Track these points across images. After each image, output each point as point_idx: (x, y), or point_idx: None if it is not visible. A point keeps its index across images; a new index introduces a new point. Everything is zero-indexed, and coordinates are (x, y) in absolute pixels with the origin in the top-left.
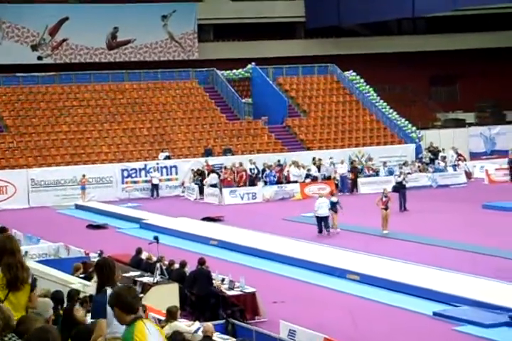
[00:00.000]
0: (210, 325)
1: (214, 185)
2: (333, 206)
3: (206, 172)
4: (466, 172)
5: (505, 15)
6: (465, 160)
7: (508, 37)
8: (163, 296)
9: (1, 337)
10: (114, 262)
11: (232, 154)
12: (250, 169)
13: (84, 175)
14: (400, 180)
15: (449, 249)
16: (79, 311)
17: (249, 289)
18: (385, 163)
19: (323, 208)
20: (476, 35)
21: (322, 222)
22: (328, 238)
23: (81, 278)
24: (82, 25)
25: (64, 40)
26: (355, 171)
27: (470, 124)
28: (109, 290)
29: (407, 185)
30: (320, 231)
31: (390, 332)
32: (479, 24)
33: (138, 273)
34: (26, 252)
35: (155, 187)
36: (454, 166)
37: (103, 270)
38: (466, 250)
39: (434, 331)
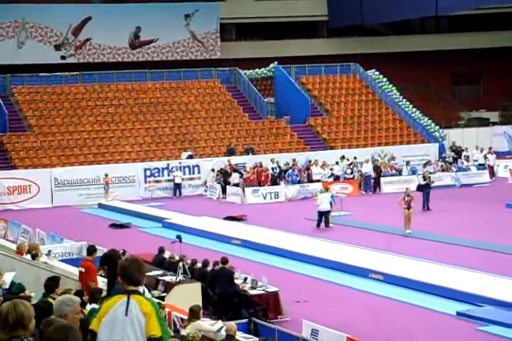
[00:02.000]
0: (233, 324)
1: (236, 184)
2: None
3: (229, 171)
4: (489, 166)
5: None
6: (494, 153)
7: None
8: (186, 295)
9: (11, 335)
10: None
11: (254, 153)
12: (272, 168)
13: (106, 175)
14: (424, 182)
15: (472, 248)
16: None
17: (272, 288)
18: (408, 162)
19: (324, 203)
20: (499, 34)
21: (323, 216)
22: (350, 237)
23: (104, 277)
24: (105, 25)
25: (87, 40)
26: (378, 170)
27: (494, 123)
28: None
29: (432, 184)
30: (318, 225)
31: (413, 332)
32: (502, 22)
33: (160, 272)
34: (49, 251)
35: (177, 187)
36: (480, 165)
37: (110, 263)
38: (490, 249)
39: (458, 331)
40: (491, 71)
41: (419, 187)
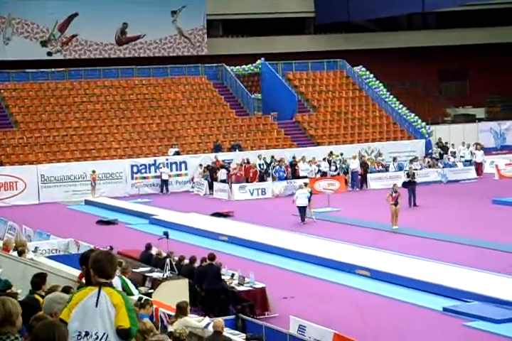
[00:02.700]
0: (220, 320)
1: (224, 181)
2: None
3: (216, 167)
4: (477, 162)
5: None
6: (482, 149)
7: None
8: (173, 292)
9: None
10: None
11: (241, 150)
12: (259, 165)
13: (94, 171)
14: (408, 179)
15: (459, 244)
16: None
17: (259, 284)
18: (394, 158)
19: (301, 198)
20: (486, 30)
21: (303, 211)
22: (337, 233)
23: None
24: (92, 21)
25: (73, 36)
26: (365, 167)
27: (480, 119)
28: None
29: (417, 181)
30: (302, 220)
31: (399, 327)
32: (489, 19)
33: (148, 268)
34: (36, 248)
35: (164, 183)
36: (467, 161)
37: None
38: (476, 245)
39: (445, 326)
40: (478, 67)
41: (404, 184)
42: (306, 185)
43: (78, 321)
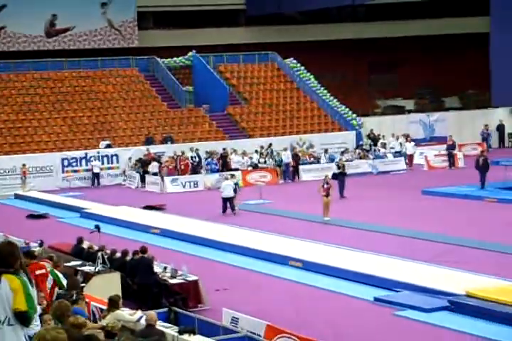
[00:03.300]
0: (153, 313)
1: (155, 174)
2: (235, 188)
3: (147, 160)
4: (407, 154)
5: (444, 3)
6: (412, 141)
7: (447, 24)
8: (105, 285)
9: None
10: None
11: (173, 142)
12: (192, 157)
13: (24, 165)
14: (338, 171)
15: (389, 234)
16: None
17: (192, 277)
18: (326, 150)
19: (227, 190)
20: (416, 23)
21: (227, 202)
22: (269, 225)
23: None
24: (20, 13)
25: (1, 28)
26: (297, 158)
27: (409, 111)
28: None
29: (348, 172)
30: (224, 211)
31: (331, 317)
32: (419, 11)
33: (79, 262)
34: None
35: (96, 176)
36: (397, 153)
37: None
38: (406, 236)
39: (375, 316)
40: (407, 60)
41: (334, 176)
42: (232, 176)
43: None
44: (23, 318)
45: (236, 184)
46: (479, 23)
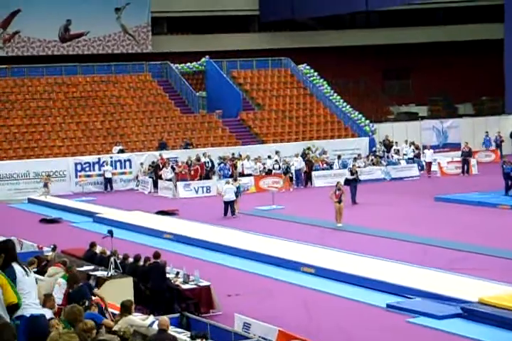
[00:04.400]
0: (165, 318)
1: (170, 180)
2: (237, 192)
3: (160, 165)
4: (426, 162)
5: (458, 9)
6: (418, 148)
7: (461, 30)
8: (118, 290)
9: None
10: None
11: (193, 147)
12: (204, 162)
13: (47, 175)
14: (351, 177)
15: (402, 241)
16: None
17: (204, 282)
18: (339, 156)
19: (228, 193)
20: (429, 29)
21: (228, 205)
22: (281, 231)
23: (35, 272)
24: (35, 18)
25: (16, 33)
26: (310, 164)
27: (423, 117)
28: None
29: (361, 178)
30: (225, 214)
31: (344, 324)
32: (432, 18)
33: (92, 267)
34: None
35: (108, 181)
36: (410, 159)
37: (9, 250)
38: (419, 242)
39: (388, 323)
40: (421, 66)
41: (347, 182)
42: (235, 180)
43: None
44: (14, 309)
45: (238, 188)
46: (494, 29)
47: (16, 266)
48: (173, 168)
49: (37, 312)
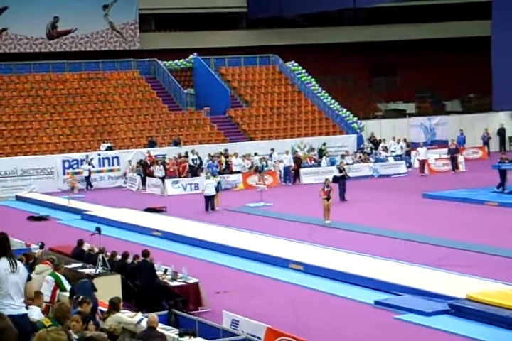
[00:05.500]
0: (154, 315)
1: (162, 177)
2: (217, 187)
3: (148, 162)
4: (419, 160)
5: (445, 7)
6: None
7: (449, 28)
8: (106, 287)
9: None
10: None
11: (181, 146)
12: (192, 160)
13: (73, 179)
14: (340, 174)
15: (389, 238)
16: None
17: (192, 280)
18: (326, 152)
19: (209, 188)
20: (417, 26)
21: (209, 200)
22: (270, 228)
23: None
24: (22, 15)
25: (3, 30)
26: (298, 162)
27: (410, 114)
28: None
29: (349, 175)
30: (206, 209)
31: (332, 321)
32: (420, 15)
33: (80, 264)
34: None
35: (87, 179)
36: (398, 156)
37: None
38: (407, 239)
39: (376, 319)
40: (408, 63)
41: (335, 179)
42: (214, 175)
43: None
44: None
45: (219, 183)
46: (481, 26)
47: (2, 262)
48: (164, 166)
49: (15, 313)
